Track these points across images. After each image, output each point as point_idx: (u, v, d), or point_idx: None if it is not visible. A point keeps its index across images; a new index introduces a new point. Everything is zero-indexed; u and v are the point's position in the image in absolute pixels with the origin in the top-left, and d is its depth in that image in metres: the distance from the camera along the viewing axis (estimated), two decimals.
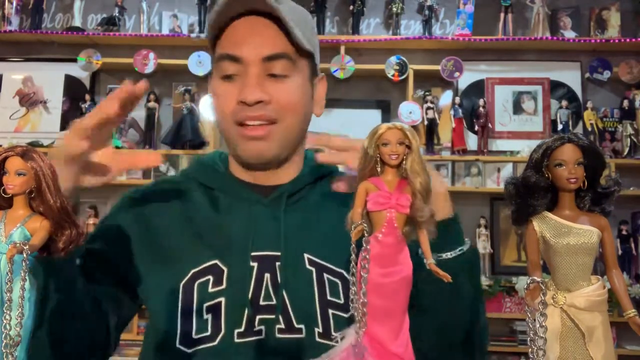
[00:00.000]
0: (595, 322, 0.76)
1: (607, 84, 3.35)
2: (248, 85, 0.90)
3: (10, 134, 3.42)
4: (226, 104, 0.93)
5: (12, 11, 3.43)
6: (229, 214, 0.96)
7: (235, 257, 0.92)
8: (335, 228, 0.96)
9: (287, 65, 0.92)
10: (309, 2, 3.39)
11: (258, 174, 0.99)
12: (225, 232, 0.94)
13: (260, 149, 0.93)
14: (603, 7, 3.38)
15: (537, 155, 0.80)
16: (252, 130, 0.92)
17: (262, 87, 0.91)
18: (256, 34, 0.91)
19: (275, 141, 0.93)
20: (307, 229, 0.95)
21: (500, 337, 3.06)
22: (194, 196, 0.99)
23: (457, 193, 3.24)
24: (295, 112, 0.94)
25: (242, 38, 0.92)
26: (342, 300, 0.91)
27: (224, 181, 1.00)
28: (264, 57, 0.91)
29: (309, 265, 0.92)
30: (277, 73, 0.91)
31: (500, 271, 3.21)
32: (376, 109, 3.43)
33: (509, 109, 3.39)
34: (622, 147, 3.22)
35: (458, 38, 3.27)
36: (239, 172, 1.01)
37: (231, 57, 0.92)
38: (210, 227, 0.95)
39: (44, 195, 0.69)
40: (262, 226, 0.94)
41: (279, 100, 0.92)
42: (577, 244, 0.77)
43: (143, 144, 3.37)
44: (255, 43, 0.91)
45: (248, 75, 0.91)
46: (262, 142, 0.93)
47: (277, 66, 0.91)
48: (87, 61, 3.35)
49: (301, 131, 0.98)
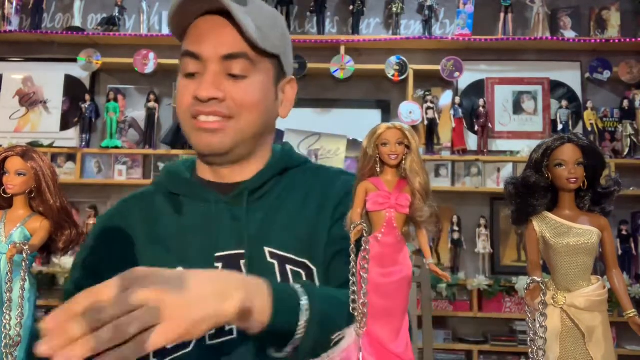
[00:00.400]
0: (595, 322, 0.76)
1: (607, 84, 3.35)
2: (203, 82, 0.92)
3: (10, 134, 3.42)
4: (183, 99, 0.95)
5: (12, 11, 3.43)
6: (191, 218, 0.97)
7: (199, 261, 0.92)
8: (296, 218, 0.97)
9: (245, 65, 0.94)
10: (309, 2, 3.40)
11: (220, 171, 1.00)
12: (188, 236, 0.95)
13: (211, 141, 0.95)
14: (603, 7, 3.38)
15: (537, 155, 0.80)
16: (205, 123, 0.94)
17: (218, 84, 0.93)
18: (216, 33, 0.93)
19: (228, 136, 0.94)
20: (269, 223, 0.96)
21: (500, 337, 3.06)
22: (161, 206, 1.00)
23: (457, 193, 3.25)
24: (251, 111, 0.95)
25: (202, 36, 0.94)
26: None
27: (188, 185, 1.01)
28: (222, 55, 0.92)
29: (271, 259, 0.93)
30: (235, 73, 0.93)
31: (500, 271, 3.21)
32: (376, 109, 3.43)
33: (509, 109, 3.39)
34: (622, 147, 3.21)
35: (458, 38, 3.27)
36: (204, 172, 1.03)
37: (192, 54, 0.94)
38: (174, 233, 0.96)
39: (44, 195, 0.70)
40: (224, 225, 0.95)
41: (234, 99, 0.93)
42: (577, 244, 0.77)
43: (143, 144, 3.37)
44: (214, 42, 0.93)
45: (206, 73, 0.93)
46: (214, 135, 0.94)
47: (235, 66, 0.93)
48: (87, 61, 3.35)
49: (260, 129, 0.99)
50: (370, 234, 0.61)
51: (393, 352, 0.60)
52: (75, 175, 3.30)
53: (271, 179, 1.01)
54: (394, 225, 0.61)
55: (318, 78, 3.36)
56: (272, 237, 0.94)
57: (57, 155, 3.34)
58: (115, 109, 3.35)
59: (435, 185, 3.12)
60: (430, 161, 3.21)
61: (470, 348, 3.07)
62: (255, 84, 0.95)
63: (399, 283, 0.61)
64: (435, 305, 3.06)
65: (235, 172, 1.00)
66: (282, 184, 1.01)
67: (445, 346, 3.06)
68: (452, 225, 3.22)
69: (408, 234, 0.63)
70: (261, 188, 0.99)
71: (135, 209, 1.02)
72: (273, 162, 1.03)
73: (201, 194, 0.99)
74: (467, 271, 3.20)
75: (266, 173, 1.01)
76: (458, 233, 3.21)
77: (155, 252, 0.95)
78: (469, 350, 3.07)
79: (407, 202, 0.61)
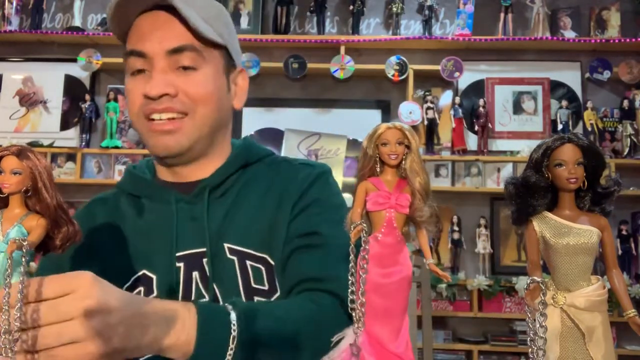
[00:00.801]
0: (595, 322, 0.75)
1: (607, 84, 3.35)
2: (152, 79, 0.91)
3: (10, 134, 3.42)
4: (134, 99, 0.93)
5: (12, 11, 3.43)
6: (152, 219, 0.96)
7: (161, 261, 0.91)
8: (256, 213, 0.95)
9: (193, 56, 0.92)
10: (308, 2, 3.40)
11: (180, 171, 0.99)
12: (150, 238, 0.94)
13: (168, 143, 0.93)
14: (603, 7, 3.38)
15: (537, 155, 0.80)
16: (160, 125, 0.92)
17: (168, 80, 0.91)
18: (159, 28, 0.92)
19: (185, 135, 0.93)
20: (229, 219, 0.95)
21: (500, 337, 3.06)
22: (123, 209, 0.99)
23: (457, 193, 3.25)
24: (206, 103, 0.94)
25: (145, 33, 0.92)
26: (266, 286, 0.91)
27: (148, 187, 1.00)
28: (167, 50, 0.91)
29: (230, 255, 0.92)
30: (186, 64, 0.92)
31: (500, 271, 3.21)
32: (376, 109, 3.42)
33: (509, 109, 3.39)
34: (622, 147, 3.21)
35: (458, 38, 3.27)
36: (164, 173, 1.01)
37: (137, 52, 0.92)
38: (136, 236, 0.95)
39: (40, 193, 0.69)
40: (184, 225, 0.94)
41: (187, 93, 0.92)
42: (577, 244, 0.77)
43: (143, 144, 3.36)
44: (158, 37, 0.91)
45: (153, 69, 0.91)
46: (170, 137, 0.93)
47: (183, 58, 0.92)
48: (87, 61, 3.35)
49: (217, 123, 0.97)
50: (370, 234, 0.61)
51: (393, 352, 0.60)
52: (75, 175, 3.30)
53: (232, 175, 0.99)
54: (394, 225, 0.61)
55: (318, 78, 3.36)
56: (231, 233, 0.93)
57: (57, 155, 3.34)
58: (115, 109, 3.35)
59: (435, 185, 3.12)
60: (430, 161, 3.21)
61: (470, 348, 3.07)
62: (206, 76, 0.93)
63: (399, 283, 0.61)
64: (435, 305, 3.06)
65: (195, 170, 0.98)
66: (242, 179, 0.99)
67: (445, 346, 3.05)
68: (452, 225, 3.22)
69: (408, 234, 0.63)
70: (222, 185, 0.98)
71: (100, 212, 1.00)
72: (232, 157, 1.01)
73: (161, 195, 0.97)
74: (467, 271, 3.19)
75: (226, 169, 0.99)
76: (458, 233, 3.21)
77: (119, 254, 0.94)
78: (469, 350, 3.07)
79: (407, 202, 0.61)
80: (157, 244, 0.93)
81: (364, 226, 0.58)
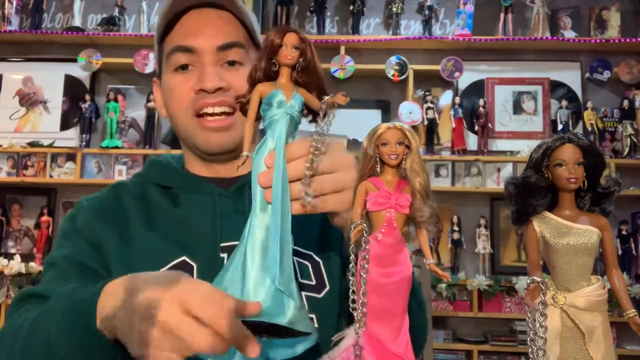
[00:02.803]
0: (595, 322, 0.75)
1: (607, 84, 3.35)
2: (205, 73, 0.92)
3: (10, 134, 3.42)
4: (182, 95, 0.94)
5: (12, 11, 3.43)
6: (192, 210, 0.95)
7: (203, 251, 0.91)
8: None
9: (240, 53, 0.95)
10: (309, 2, 3.40)
11: (217, 168, 0.99)
12: (191, 227, 0.93)
13: (222, 140, 0.95)
14: (603, 7, 3.38)
15: (537, 155, 0.80)
16: (214, 122, 0.93)
17: (219, 74, 0.93)
18: (209, 25, 0.94)
19: (238, 131, 0.94)
20: None
21: (500, 337, 3.06)
22: (152, 197, 0.98)
23: (457, 193, 3.25)
24: None
25: (194, 29, 0.94)
26: (313, 281, 0.92)
27: (182, 179, 1.00)
28: (218, 46, 0.93)
29: None
30: (234, 59, 0.94)
31: (500, 271, 3.21)
32: (376, 109, 3.43)
33: (509, 109, 3.39)
34: (622, 147, 3.22)
35: (458, 38, 3.27)
36: (197, 168, 1.01)
37: (185, 48, 0.94)
38: (172, 224, 0.94)
39: (308, 68, 0.74)
40: (227, 218, 0.94)
41: (237, 88, 0.93)
42: (577, 244, 0.76)
43: (143, 144, 3.37)
44: (209, 33, 0.94)
45: (204, 64, 0.93)
46: (224, 133, 0.94)
47: (231, 54, 0.94)
48: (87, 61, 3.35)
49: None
50: (370, 234, 0.61)
51: (393, 352, 0.60)
52: (75, 175, 3.30)
53: None
54: (394, 225, 0.61)
55: None
56: None
57: (57, 155, 3.34)
58: (115, 109, 3.35)
59: (435, 185, 3.12)
60: (430, 161, 3.21)
61: (470, 348, 3.07)
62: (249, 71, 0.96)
63: (399, 283, 0.61)
64: (435, 305, 3.06)
65: (231, 168, 0.98)
66: None
67: (445, 346, 3.06)
68: (452, 225, 3.22)
69: (408, 234, 0.63)
70: None
71: (126, 197, 0.99)
72: None
73: (200, 188, 0.97)
74: (467, 271, 3.20)
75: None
76: (458, 233, 3.21)
77: (154, 239, 0.93)
78: (469, 350, 3.07)
79: (407, 202, 0.61)
80: (198, 234, 0.92)
81: (364, 226, 0.58)
